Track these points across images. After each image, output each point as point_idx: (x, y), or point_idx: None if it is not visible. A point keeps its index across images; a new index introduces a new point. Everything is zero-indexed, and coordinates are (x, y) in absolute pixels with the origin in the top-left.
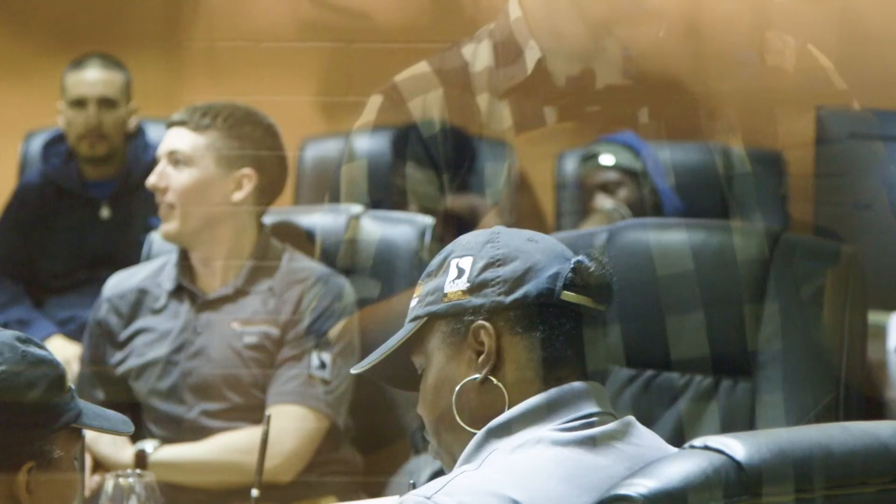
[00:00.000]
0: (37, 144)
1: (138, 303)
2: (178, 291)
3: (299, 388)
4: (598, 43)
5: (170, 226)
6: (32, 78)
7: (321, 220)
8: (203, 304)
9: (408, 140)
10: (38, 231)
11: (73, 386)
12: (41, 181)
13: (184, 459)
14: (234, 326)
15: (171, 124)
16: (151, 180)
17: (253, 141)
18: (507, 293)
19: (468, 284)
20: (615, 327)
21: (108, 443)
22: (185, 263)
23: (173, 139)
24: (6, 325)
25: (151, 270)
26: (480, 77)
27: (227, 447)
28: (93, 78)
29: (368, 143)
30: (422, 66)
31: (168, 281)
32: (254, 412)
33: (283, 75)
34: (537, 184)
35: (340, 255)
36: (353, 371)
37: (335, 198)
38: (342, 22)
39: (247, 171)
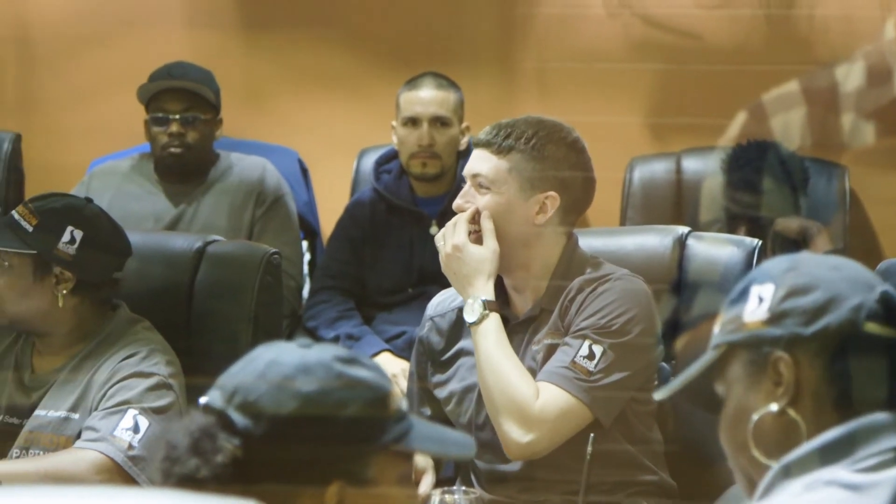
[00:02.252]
0: (369, 161)
1: (459, 323)
2: None
3: (559, 370)
4: None
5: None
6: (368, 96)
7: (648, 239)
8: (514, 326)
9: (766, 156)
10: (369, 247)
11: (402, 407)
12: (373, 198)
13: None
14: (533, 347)
15: (476, 144)
16: (457, 202)
17: (556, 161)
18: (808, 324)
19: (768, 314)
20: None
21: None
22: (498, 284)
23: (477, 162)
24: (336, 340)
25: None
26: (849, 97)
27: None
28: (426, 97)
29: (728, 159)
30: (790, 85)
31: None
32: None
33: (613, 96)
34: None
35: (665, 275)
36: (658, 397)
37: (695, 212)
38: (673, 43)
39: (550, 193)
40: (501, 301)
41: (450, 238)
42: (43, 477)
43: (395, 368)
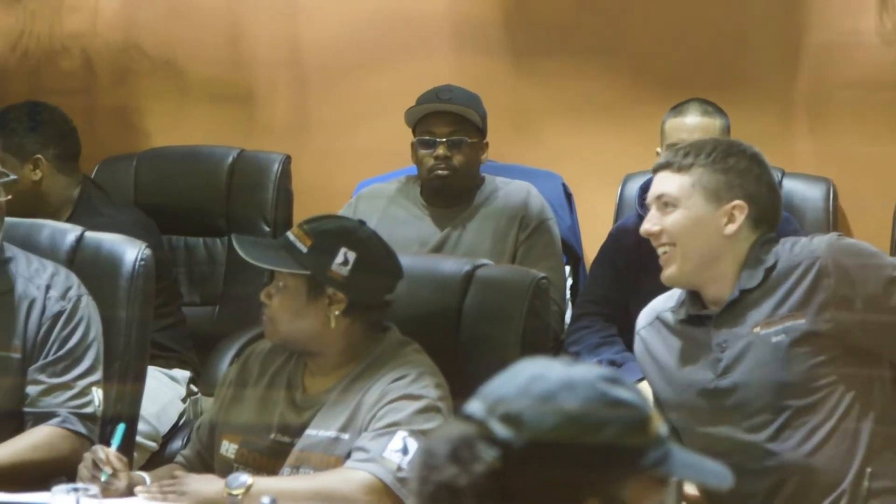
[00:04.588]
0: (634, 187)
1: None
2: (691, 320)
3: None
4: None
5: (671, 270)
6: (634, 121)
7: None
8: (717, 319)
9: None
10: (632, 273)
11: (662, 432)
12: (637, 224)
13: None
14: (756, 331)
15: (655, 169)
16: (645, 227)
17: (739, 172)
18: None
19: None
20: None
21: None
22: (694, 295)
23: (659, 183)
24: (599, 365)
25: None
26: None
27: None
28: (691, 124)
29: None
30: None
31: (682, 311)
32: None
33: (889, 125)
34: None
35: None
36: None
37: None
38: None
39: (737, 202)
40: (700, 305)
41: None
42: (314, 495)
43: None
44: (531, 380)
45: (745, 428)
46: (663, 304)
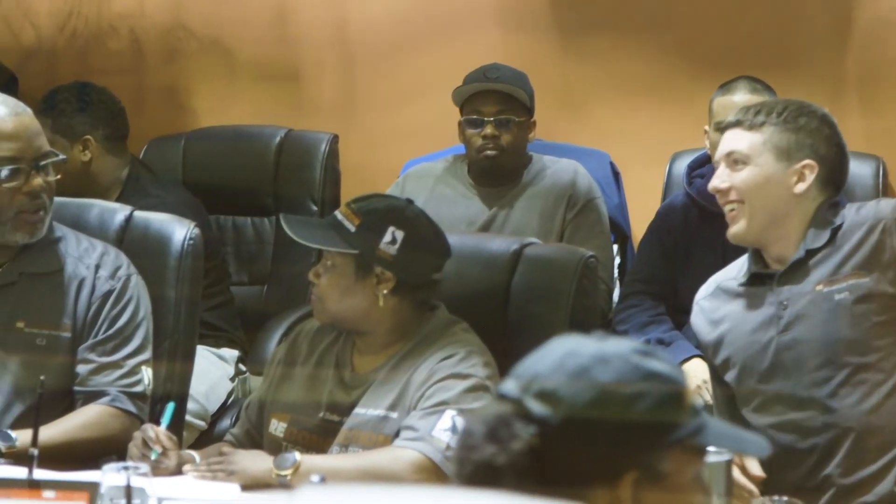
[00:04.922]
0: (682, 166)
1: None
2: (753, 279)
3: None
4: None
5: (738, 227)
6: (682, 100)
7: None
8: (781, 277)
9: None
10: (680, 252)
11: (697, 404)
12: (685, 202)
13: None
14: (819, 289)
15: (725, 127)
16: (713, 183)
17: (809, 132)
18: None
19: None
20: None
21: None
22: (757, 254)
23: (729, 141)
24: (647, 344)
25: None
26: None
27: None
28: (740, 102)
29: None
30: None
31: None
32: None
33: None
34: None
35: None
36: None
37: None
38: None
39: (808, 162)
40: (763, 264)
41: None
42: (363, 474)
43: (705, 374)
44: (564, 356)
45: (805, 384)
46: (724, 276)
